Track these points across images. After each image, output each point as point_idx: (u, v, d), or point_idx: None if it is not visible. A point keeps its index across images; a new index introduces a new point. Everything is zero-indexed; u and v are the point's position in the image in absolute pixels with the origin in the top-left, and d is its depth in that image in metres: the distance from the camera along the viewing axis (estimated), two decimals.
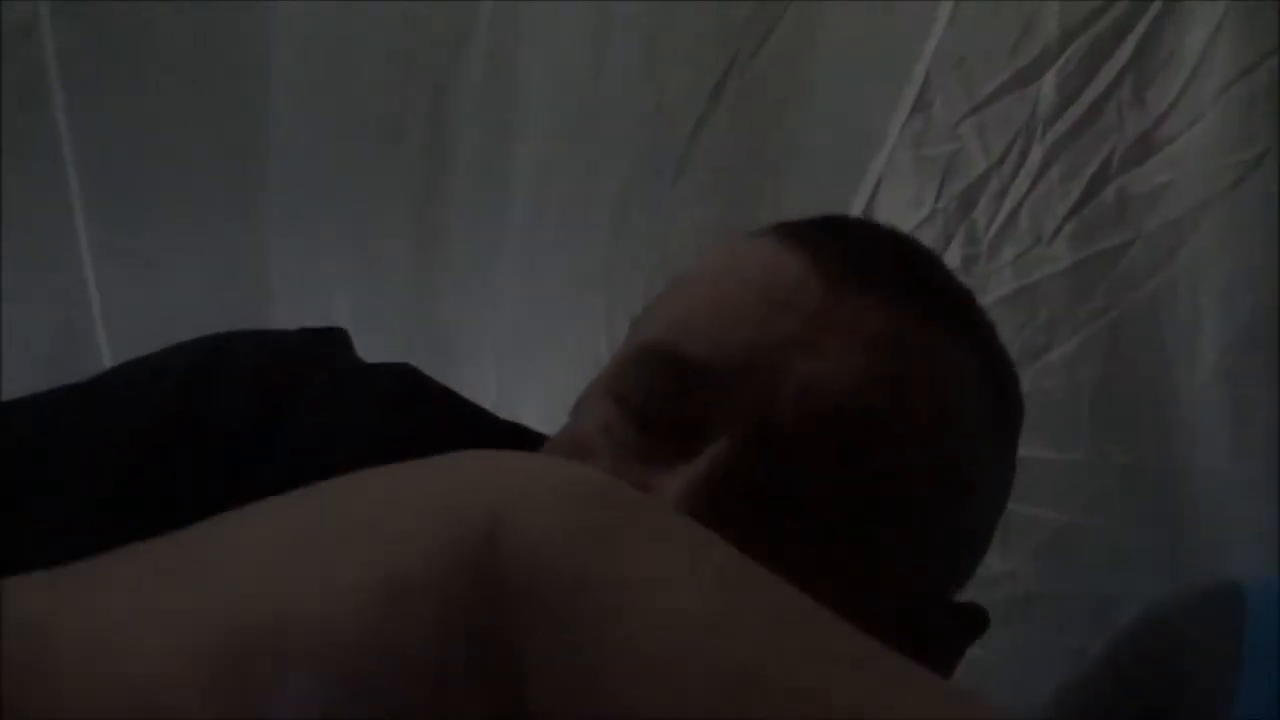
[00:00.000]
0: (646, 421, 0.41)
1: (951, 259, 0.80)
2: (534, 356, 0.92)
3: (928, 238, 0.80)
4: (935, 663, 0.43)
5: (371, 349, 0.51)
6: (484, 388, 0.91)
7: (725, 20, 0.82)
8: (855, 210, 0.82)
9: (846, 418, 0.40)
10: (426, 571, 0.27)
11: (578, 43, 0.85)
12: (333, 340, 0.49)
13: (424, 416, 0.47)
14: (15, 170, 0.93)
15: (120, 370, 0.46)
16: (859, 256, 0.43)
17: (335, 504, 0.31)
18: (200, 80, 0.92)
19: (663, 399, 0.41)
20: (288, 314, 0.95)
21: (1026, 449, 0.76)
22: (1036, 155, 0.77)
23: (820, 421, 0.39)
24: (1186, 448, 0.76)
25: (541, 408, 0.89)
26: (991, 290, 0.78)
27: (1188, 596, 0.57)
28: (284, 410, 0.43)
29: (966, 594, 0.48)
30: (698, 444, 0.39)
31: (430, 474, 0.31)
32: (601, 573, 0.27)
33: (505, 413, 0.50)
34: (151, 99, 0.92)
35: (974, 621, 0.46)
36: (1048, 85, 0.75)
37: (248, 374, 0.44)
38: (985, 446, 0.45)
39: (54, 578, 0.30)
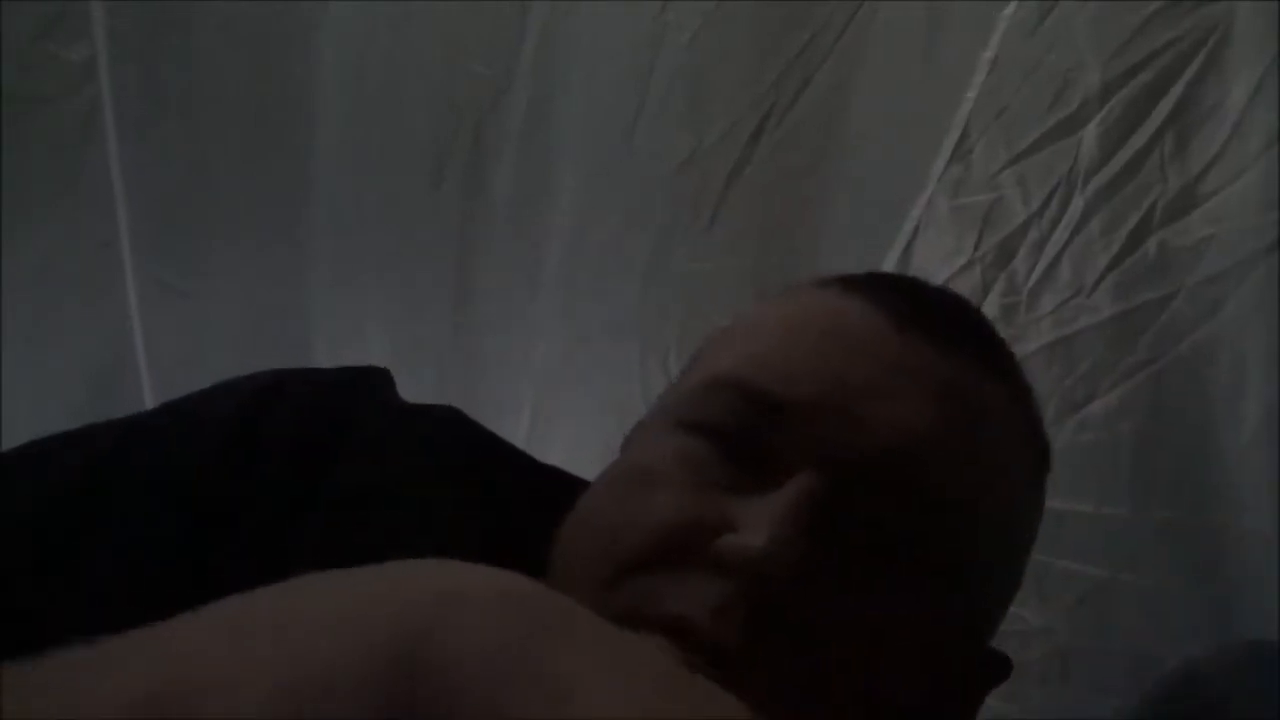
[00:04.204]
0: (727, 451, 0.41)
1: (990, 308, 0.79)
2: (566, 399, 0.92)
3: (966, 286, 0.80)
4: (962, 705, 0.44)
5: (407, 387, 0.51)
6: (515, 429, 0.92)
7: (764, 68, 0.83)
8: (892, 258, 0.82)
9: (919, 460, 0.41)
10: (334, 681, 0.28)
11: (616, 89, 0.86)
12: (376, 379, 0.49)
13: (469, 460, 0.47)
14: (65, 205, 0.95)
15: (169, 410, 0.46)
16: (923, 308, 0.45)
17: (277, 604, 0.32)
18: (248, 123, 0.94)
19: (743, 430, 0.42)
20: (327, 351, 0.96)
21: (1065, 502, 0.76)
22: (1077, 206, 0.76)
23: (895, 462, 0.41)
24: (1229, 504, 0.75)
25: (571, 450, 0.89)
26: (1031, 340, 0.78)
27: (1226, 656, 0.56)
28: (334, 451, 0.44)
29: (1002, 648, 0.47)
30: (779, 476, 0.40)
31: (363, 583, 0.32)
32: (524, 693, 0.27)
33: (535, 453, 0.50)
34: (201, 139, 0.95)
35: (1000, 670, 0.48)
36: (1089, 137, 0.75)
37: (301, 414, 0.44)
38: (1027, 497, 0.47)
39: (40, 664, 0.31)
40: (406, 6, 0.89)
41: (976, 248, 0.80)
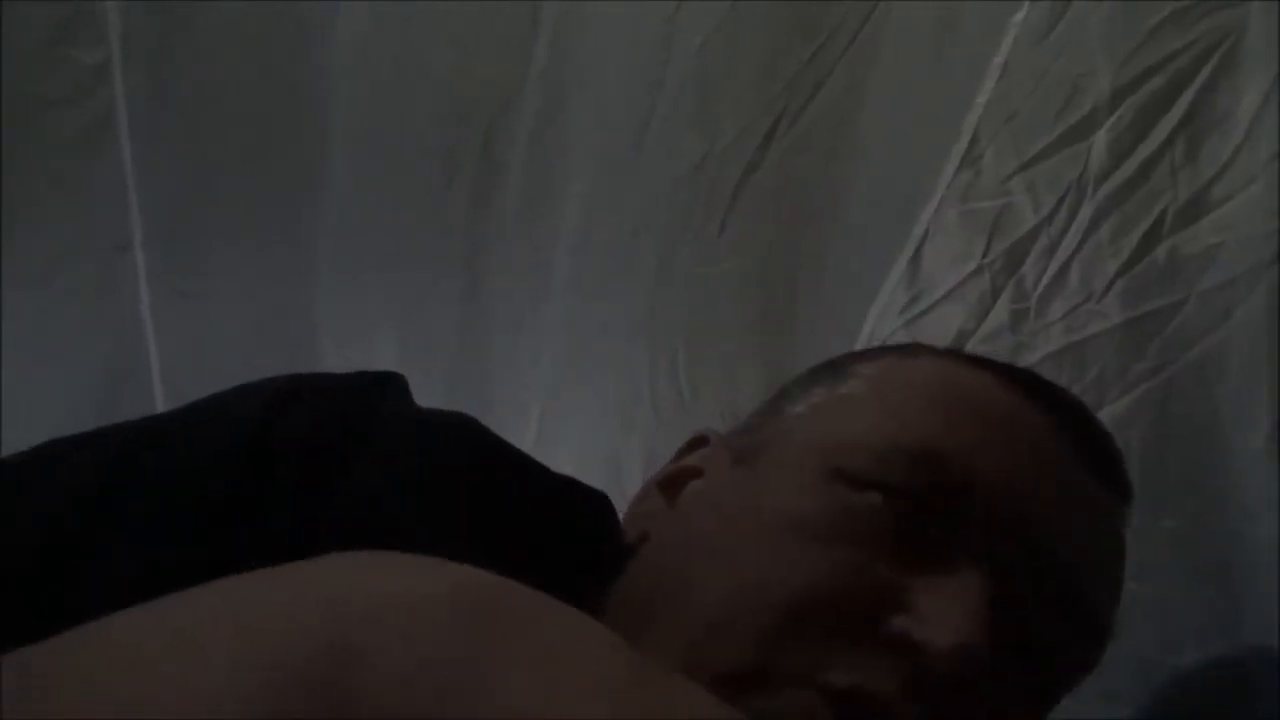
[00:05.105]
0: (901, 518, 0.42)
1: (999, 314, 0.79)
2: (573, 403, 0.92)
3: (975, 292, 0.80)
4: None
5: (415, 388, 0.51)
6: (522, 430, 0.92)
7: (775, 71, 0.83)
8: (901, 263, 0.82)
9: (1080, 582, 0.45)
10: (244, 710, 0.26)
11: (626, 92, 0.86)
12: (390, 385, 0.49)
13: (480, 467, 0.47)
14: (77, 206, 0.96)
15: (183, 413, 0.46)
16: (1084, 432, 0.49)
17: (200, 612, 0.30)
18: (257, 125, 0.95)
19: (924, 502, 0.42)
20: (335, 353, 0.96)
21: None
22: (1087, 212, 0.76)
23: (1062, 579, 0.44)
24: (1237, 512, 0.75)
25: (576, 454, 0.89)
26: (1040, 347, 0.78)
27: (1232, 663, 0.56)
28: (345, 455, 0.44)
29: None
30: (948, 556, 0.42)
31: (285, 590, 0.30)
32: (463, 708, 0.25)
33: (542, 455, 0.50)
34: (210, 141, 0.95)
35: None
36: (1099, 143, 0.75)
37: (315, 418, 0.44)
38: None
39: None
40: (416, 8, 0.90)
41: (985, 253, 0.79)
